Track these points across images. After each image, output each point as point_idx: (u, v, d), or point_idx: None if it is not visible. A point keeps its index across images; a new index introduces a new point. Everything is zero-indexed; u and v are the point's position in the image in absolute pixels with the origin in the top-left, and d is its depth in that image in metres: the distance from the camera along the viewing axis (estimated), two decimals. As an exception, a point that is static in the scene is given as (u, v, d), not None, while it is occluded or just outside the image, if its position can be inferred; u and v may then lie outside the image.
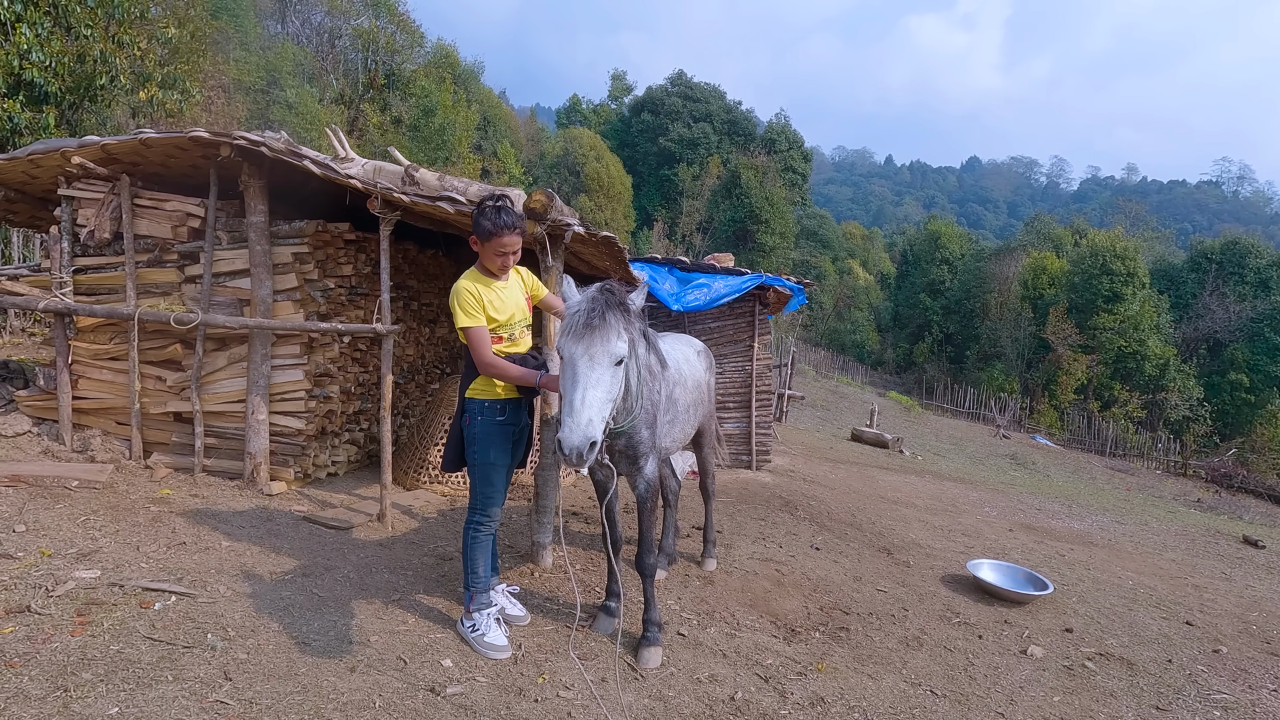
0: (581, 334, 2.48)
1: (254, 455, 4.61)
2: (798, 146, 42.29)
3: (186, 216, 4.69)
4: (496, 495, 3.03)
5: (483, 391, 2.97)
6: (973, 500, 7.94)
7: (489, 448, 2.96)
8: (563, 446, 2.36)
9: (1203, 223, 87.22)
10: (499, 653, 2.90)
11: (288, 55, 25.32)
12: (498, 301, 2.94)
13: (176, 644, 2.68)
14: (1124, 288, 26.40)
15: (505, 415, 2.99)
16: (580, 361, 2.46)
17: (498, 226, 2.83)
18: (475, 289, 2.89)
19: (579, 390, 2.43)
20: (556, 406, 4.00)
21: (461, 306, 2.87)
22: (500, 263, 2.92)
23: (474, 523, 3.02)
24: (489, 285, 2.95)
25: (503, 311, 2.95)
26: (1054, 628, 3.91)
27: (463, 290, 2.88)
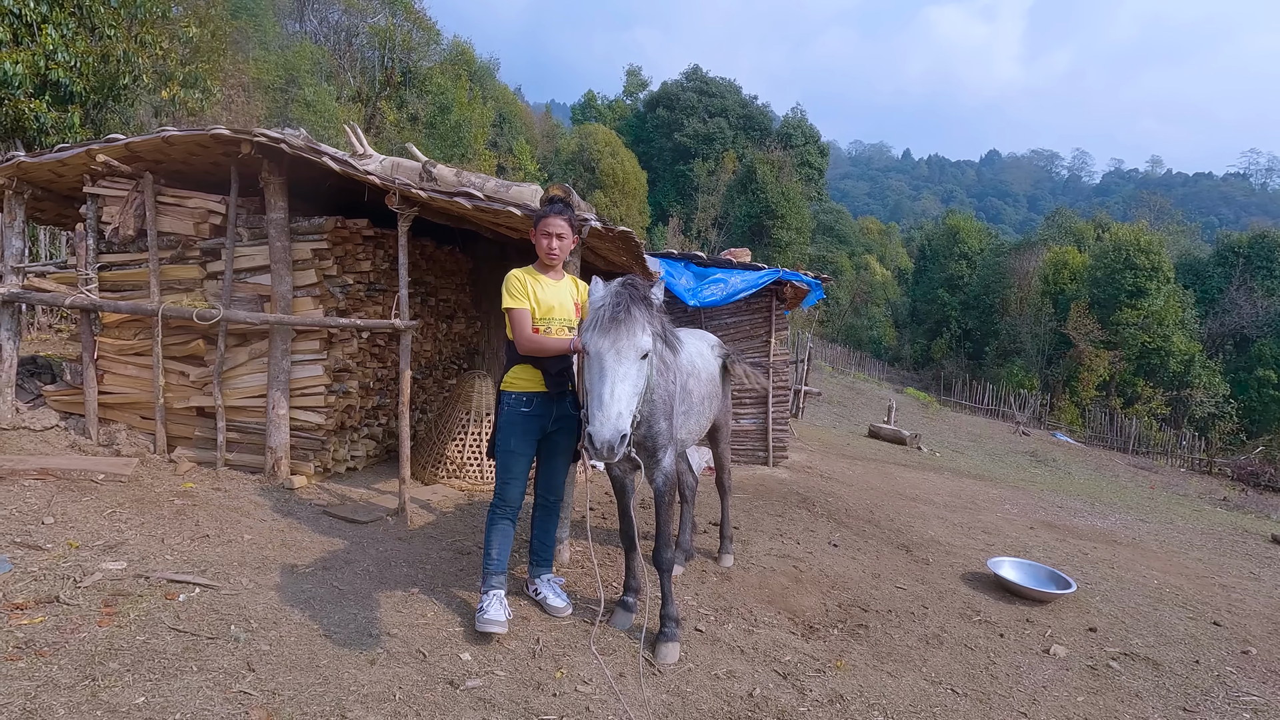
0: (608, 328, 2.49)
1: (275, 450, 4.66)
2: (814, 141, 41.95)
3: (208, 213, 4.75)
4: (514, 482, 3.12)
5: (510, 384, 3.14)
6: (992, 497, 7.85)
7: (509, 435, 3.10)
8: (593, 441, 2.37)
9: (1229, 216, 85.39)
10: (492, 626, 2.95)
11: (306, 54, 25.51)
12: (542, 293, 3.09)
13: (201, 635, 2.72)
14: (1148, 282, 25.91)
15: (530, 407, 3.09)
16: (608, 356, 2.46)
17: (548, 210, 3.14)
18: (524, 278, 3.09)
19: (607, 384, 2.43)
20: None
21: (508, 289, 3.05)
22: (546, 244, 3.09)
23: (492, 505, 3.17)
24: (538, 279, 3.14)
25: (544, 303, 3.08)
26: (1077, 627, 3.85)
27: (513, 277, 3.09)
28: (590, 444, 2.41)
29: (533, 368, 3.10)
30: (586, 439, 2.41)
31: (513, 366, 3.14)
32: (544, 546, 3.41)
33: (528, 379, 3.11)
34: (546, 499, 3.38)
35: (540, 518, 3.39)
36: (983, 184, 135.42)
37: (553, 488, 3.37)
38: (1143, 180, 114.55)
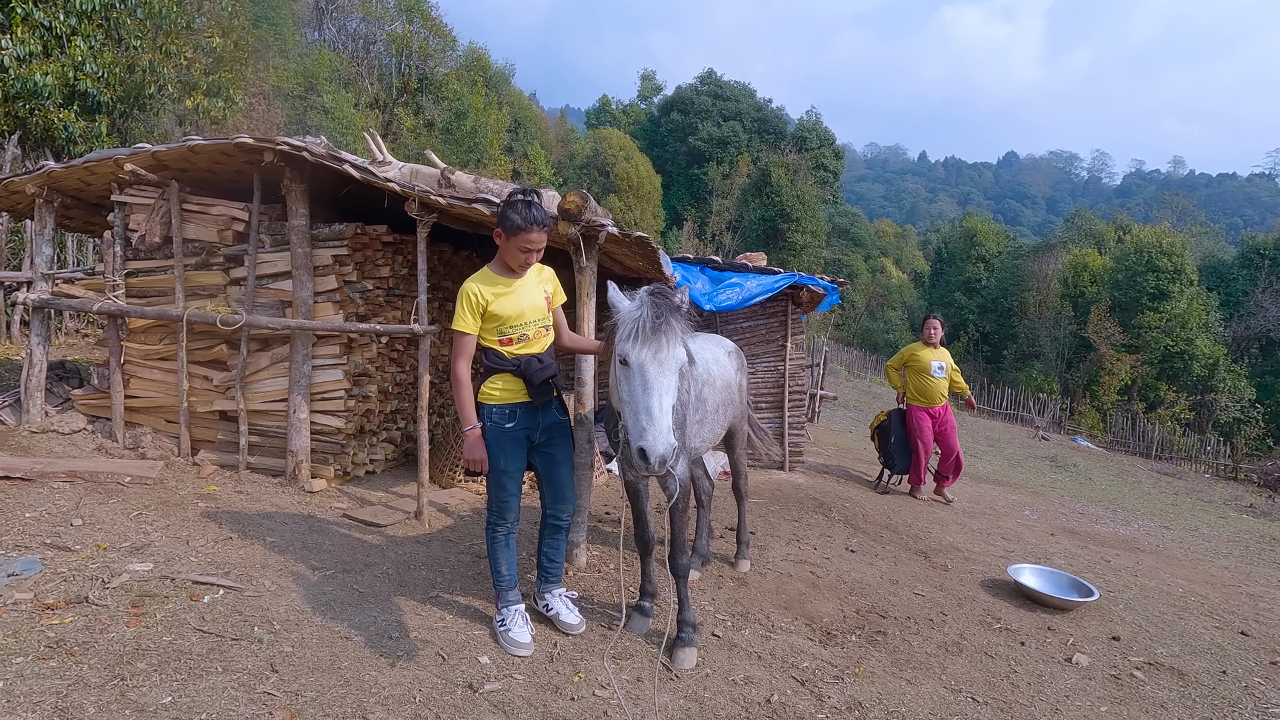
0: (650, 339, 2.44)
1: (295, 453, 4.72)
2: (829, 144, 41.79)
3: (231, 220, 4.83)
4: (510, 500, 3.00)
5: (488, 396, 2.91)
6: (1012, 503, 7.76)
7: (497, 454, 2.91)
8: (648, 456, 2.30)
9: (1254, 217, 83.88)
10: (520, 649, 2.88)
11: (324, 62, 25.86)
12: (507, 301, 2.86)
13: (225, 636, 2.76)
14: (1171, 285, 25.50)
15: (515, 421, 2.92)
16: (650, 367, 2.42)
17: (527, 221, 2.75)
18: (479, 291, 2.83)
19: (655, 396, 2.38)
20: (589, 404, 4.02)
21: (459, 307, 2.85)
22: (523, 259, 2.83)
23: (490, 524, 3.05)
24: (499, 283, 2.87)
25: (511, 309, 2.86)
26: (1100, 635, 3.80)
27: (466, 293, 2.84)
28: (642, 459, 2.33)
29: (513, 377, 2.91)
30: (637, 454, 2.33)
31: (490, 376, 2.91)
32: (554, 564, 3.22)
33: (507, 389, 2.91)
34: (558, 517, 3.17)
35: (550, 535, 3.20)
36: (1000, 186, 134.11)
37: (562, 504, 3.15)
38: (1165, 181, 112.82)
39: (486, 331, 2.86)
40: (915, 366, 6.69)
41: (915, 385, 6.72)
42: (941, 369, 6.62)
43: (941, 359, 6.65)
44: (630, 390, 2.44)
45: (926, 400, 6.69)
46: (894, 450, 6.80)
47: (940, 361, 6.63)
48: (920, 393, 6.70)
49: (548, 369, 2.96)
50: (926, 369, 6.60)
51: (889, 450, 6.84)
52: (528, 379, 2.90)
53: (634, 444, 2.35)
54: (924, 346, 6.70)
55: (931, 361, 6.59)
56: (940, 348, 6.72)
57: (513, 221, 2.77)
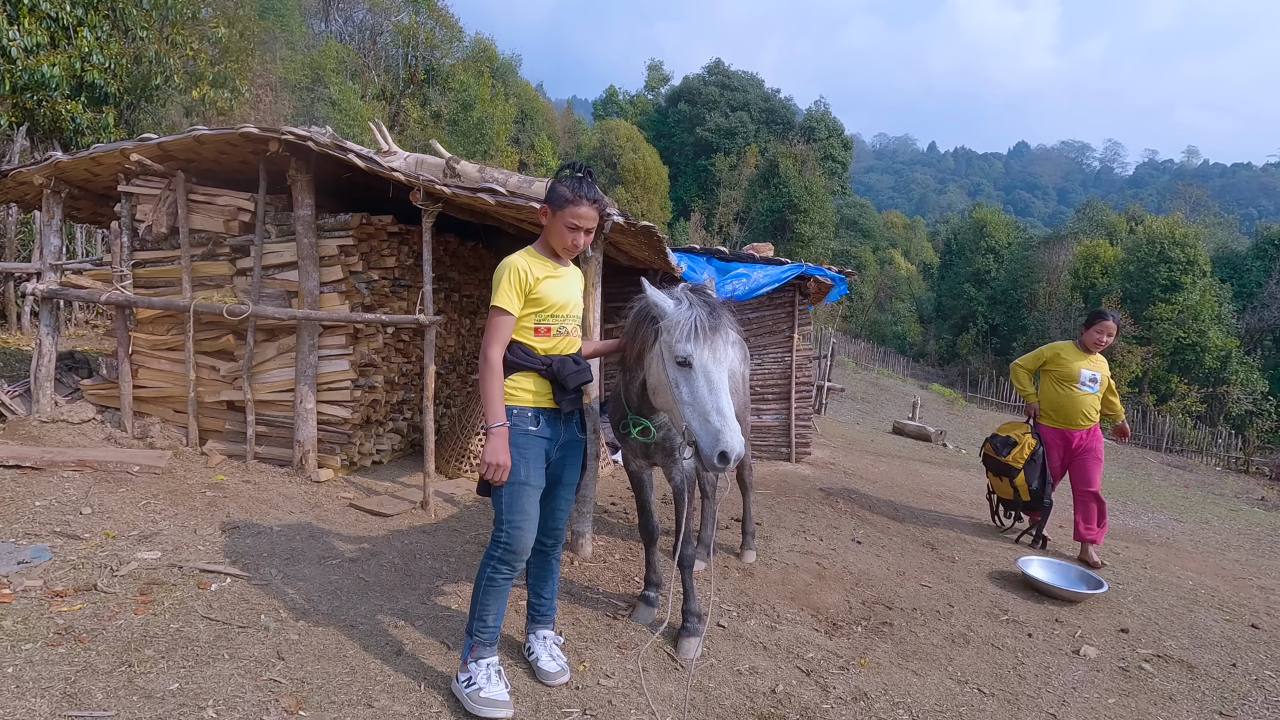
0: (710, 338, 2.40)
1: (302, 443, 4.74)
2: (837, 134, 41.51)
3: (237, 211, 4.83)
4: (526, 524, 2.47)
5: (511, 396, 2.50)
6: (1020, 495, 7.71)
7: (518, 463, 2.44)
8: (730, 456, 2.25)
9: (1269, 208, 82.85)
10: (498, 709, 2.37)
11: (331, 53, 25.84)
12: (555, 285, 2.52)
13: (232, 624, 2.78)
14: (1183, 276, 25.23)
15: (539, 427, 2.52)
16: (713, 367, 2.38)
17: (577, 195, 2.45)
18: (528, 267, 2.45)
19: (722, 395, 2.35)
20: (595, 394, 4.01)
21: (502, 282, 2.42)
22: (570, 239, 2.48)
23: (494, 558, 2.48)
24: (547, 265, 2.52)
25: (558, 295, 2.52)
26: (1108, 628, 3.77)
27: (513, 267, 2.44)
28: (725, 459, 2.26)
29: (541, 378, 2.52)
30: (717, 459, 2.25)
31: (514, 373, 2.50)
32: (543, 600, 2.79)
33: (536, 391, 2.52)
34: (544, 543, 2.73)
35: (538, 565, 2.78)
36: (1010, 176, 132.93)
37: (553, 529, 2.73)
38: (1178, 171, 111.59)
39: (522, 318, 2.49)
40: (1059, 373, 5.07)
41: (1051, 397, 5.13)
42: (1095, 382, 5.02)
43: (1098, 369, 5.05)
44: (693, 391, 2.36)
45: (1062, 419, 5.07)
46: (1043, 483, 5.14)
47: (1095, 372, 5.02)
48: (1055, 408, 5.10)
49: (584, 373, 2.58)
50: (1073, 377, 4.99)
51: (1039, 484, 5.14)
52: (560, 382, 2.53)
53: (710, 450, 2.26)
54: (1076, 349, 5.09)
55: (1083, 369, 4.98)
56: (1099, 356, 5.12)
57: (560, 195, 2.47)
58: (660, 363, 2.52)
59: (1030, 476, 5.12)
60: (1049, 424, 5.18)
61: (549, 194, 2.52)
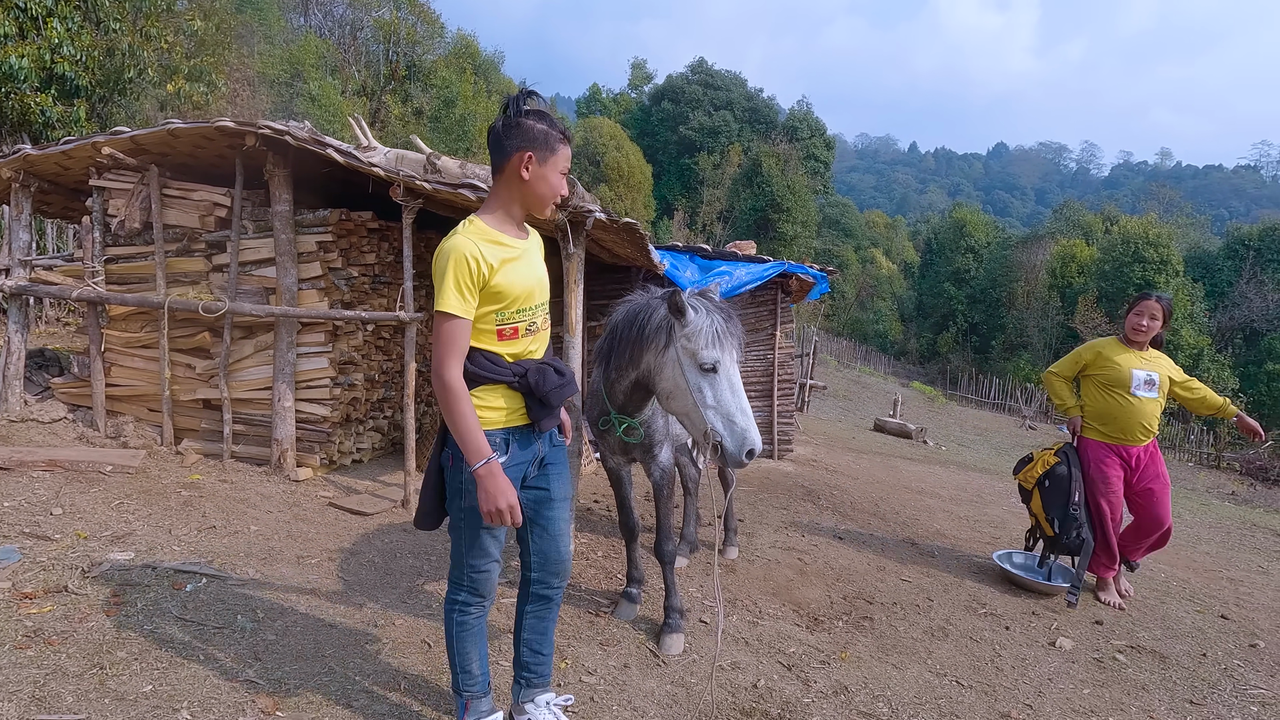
0: (724, 340, 2.43)
1: (281, 442, 4.68)
2: (820, 134, 41.76)
3: (213, 206, 4.76)
4: (492, 567, 2.07)
5: (490, 423, 1.97)
6: (998, 491, 7.82)
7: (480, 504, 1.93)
8: (755, 453, 2.29)
9: (1240, 209, 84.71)
10: None
11: (310, 48, 25.52)
12: (517, 269, 1.93)
13: (207, 625, 2.73)
14: (1157, 276, 25.77)
15: (508, 453, 2.00)
16: (733, 370, 2.43)
17: (563, 132, 1.92)
18: (479, 254, 1.84)
19: (743, 396, 2.39)
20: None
21: (446, 276, 1.82)
22: (553, 195, 1.95)
23: (457, 603, 2.09)
24: (504, 243, 1.91)
25: (520, 282, 1.94)
26: (1083, 620, 3.84)
27: (458, 254, 1.82)
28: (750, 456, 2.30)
29: (511, 390, 1.99)
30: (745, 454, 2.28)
31: (477, 387, 1.93)
32: (540, 658, 2.28)
33: (506, 408, 1.99)
34: (547, 584, 2.22)
35: (538, 615, 2.26)
36: (990, 177, 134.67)
37: (557, 561, 2.21)
38: (1152, 173, 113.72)
39: (479, 319, 1.92)
40: (1104, 376, 3.99)
41: (1098, 406, 4.03)
42: (1153, 385, 3.92)
43: (1155, 368, 3.95)
44: (718, 395, 2.38)
45: (1117, 431, 3.98)
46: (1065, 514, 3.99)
47: (1151, 372, 3.92)
48: (1105, 417, 4.00)
49: (569, 385, 2.06)
50: (1123, 381, 3.91)
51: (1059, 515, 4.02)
52: (542, 398, 2.00)
53: (737, 450, 2.30)
54: (1121, 345, 4.01)
55: (1135, 370, 3.90)
56: (1153, 350, 4.04)
57: (545, 134, 1.88)
58: (677, 368, 2.46)
59: (1048, 503, 4.01)
60: (1098, 437, 4.04)
61: (525, 135, 1.86)
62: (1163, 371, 3.98)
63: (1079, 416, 4.16)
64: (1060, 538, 4.00)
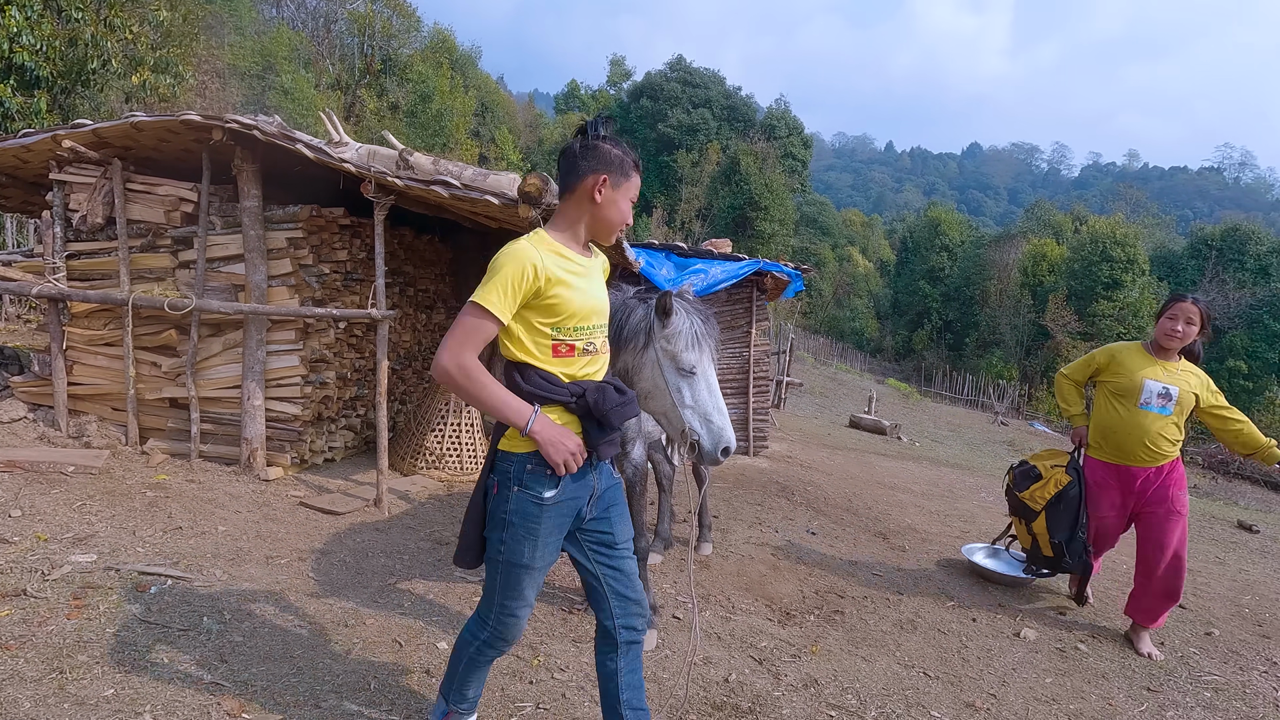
0: (703, 343, 2.44)
1: (250, 441, 4.61)
2: (797, 133, 42.03)
3: (179, 201, 4.66)
4: (523, 611, 1.94)
5: (517, 441, 1.83)
6: (969, 486, 7.97)
7: (523, 540, 1.85)
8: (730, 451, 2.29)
9: (1204, 209, 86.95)
10: None
11: (283, 40, 25.08)
12: (581, 285, 1.85)
13: (172, 627, 2.69)
14: (1124, 274, 26.38)
15: (559, 488, 1.86)
16: (710, 372, 2.44)
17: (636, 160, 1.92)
18: (539, 261, 1.77)
19: (719, 396, 2.39)
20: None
21: (497, 275, 1.74)
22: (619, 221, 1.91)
23: (480, 640, 1.99)
24: (569, 258, 1.85)
25: (582, 299, 1.85)
26: (1047, 611, 3.93)
27: (520, 260, 1.74)
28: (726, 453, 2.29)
29: (567, 412, 1.87)
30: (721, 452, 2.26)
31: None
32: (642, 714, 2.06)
33: None
34: (633, 625, 2.04)
35: (630, 667, 2.06)
36: (964, 176, 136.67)
37: (633, 604, 2.04)
38: (1120, 174, 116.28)
39: (533, 332, 1.82)
40: (1114, 384, 3.55)
41: (1102, 418, 3.61)
42: (1168, 399, 3.41)
43: (1175, 381, 3.44)
44: (695, 395, 2.39)
45: (1113, 450, 3.58)
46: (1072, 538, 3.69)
47: (1169, 385, 3.42)
48: (1104, 433, 3.60)
49: (630, 405, 1.92)
50: (1132, 391, 3.46)
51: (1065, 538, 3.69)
52: (601, 418, 1.85)
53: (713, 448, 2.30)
54: (1144, 352, 3.53)
55: (1148, 380, 3.43)
56: (1183, 361, 3.53)
57: (618, 160, 1.87)
58: (656, 369, 2.45)
59: (1054, 524, 3.70)
60: (1097, 455, 3.67)
61: (602, 159, 1.86)
62: (1186, 388, 3.43)
63: (1085, 426, 3.77)
64: (1061, 560, 3.74)
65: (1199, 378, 3.51)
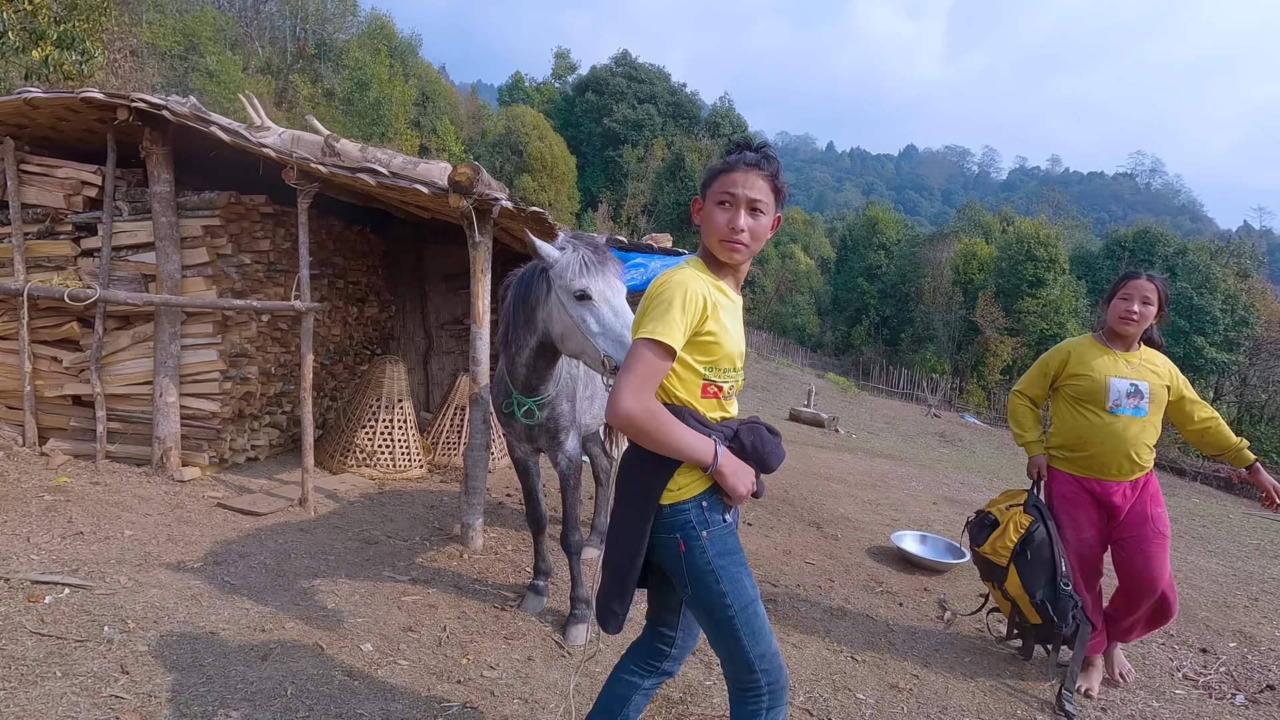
0: (602, 270, 2.44)
1: (163, 440, 4.36)
2: (741, 131, 42.59)
3: (81, 185, 4.36)
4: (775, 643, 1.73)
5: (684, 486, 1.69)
6: (901, 476, 8.24)
7: (739, 576, 1.69)
8: None
9: (1118, 212, 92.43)
10: None
11: (207, 20, 23.84)
12: (729, 323, 1.71)
13: (68, 638, 2.51)
14: (1046, 273, 27.78)
15: (733, 516, 1.76)
16: (611, 295, 2.44)
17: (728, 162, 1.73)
18: (708, 294, 1.65)
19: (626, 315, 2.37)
20: (484, 382, 3.92)
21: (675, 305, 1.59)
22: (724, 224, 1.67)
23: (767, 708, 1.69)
24: (724, 292, 1.73)
25: (733, 340, 1.72)
26: (969, 593, 4.09)
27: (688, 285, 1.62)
28: None
29: None
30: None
31: None
32: None
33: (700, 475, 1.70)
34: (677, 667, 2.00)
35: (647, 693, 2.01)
36: (901, 177, 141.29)
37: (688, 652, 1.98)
38: (1044, 177, 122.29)
39: (688, 369, 1.69)
40: (1075, 388, 3.02)
41: (1066, 428, 3.06)
42: (1140, 398, 2.91)
43: (1142, 375, 2.93)
44: (601, 320, 2.39)
45: (1088, 465, 3.00)
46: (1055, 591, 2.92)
47: (1138, 381, 2.92)
48: (1075, 442, 3.02)
49: (781, 445, 1.80)
50: (1097, 395, 2.94)
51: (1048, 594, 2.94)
52: (760, 461, 1.75)
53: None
54: (1098, 345, 3.05)
55: (1112, 380, 2.92)
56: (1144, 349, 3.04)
57: (711, 171, 1.77)
58: (562, 309, 2.52)
59: (1029, 579, 2.96)
60: (1066, 468, 3.08)
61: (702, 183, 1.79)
62: (1157, 380, 2.94)
63: (1042, 455, 3.17)
64: (1056, 626, 2.91)
65: (1166, 366, 3.01)
